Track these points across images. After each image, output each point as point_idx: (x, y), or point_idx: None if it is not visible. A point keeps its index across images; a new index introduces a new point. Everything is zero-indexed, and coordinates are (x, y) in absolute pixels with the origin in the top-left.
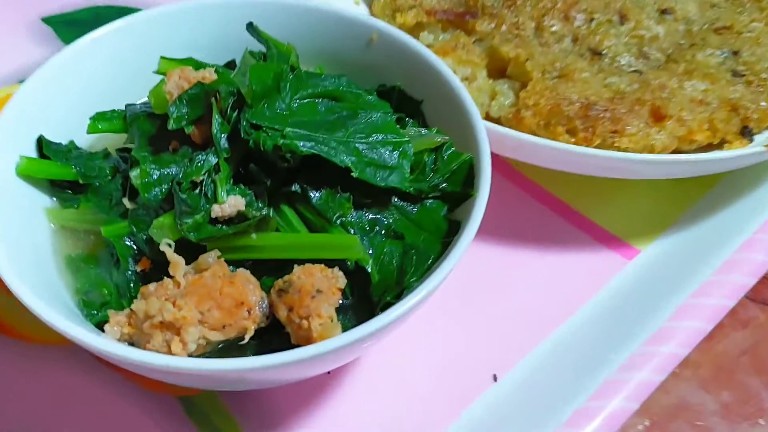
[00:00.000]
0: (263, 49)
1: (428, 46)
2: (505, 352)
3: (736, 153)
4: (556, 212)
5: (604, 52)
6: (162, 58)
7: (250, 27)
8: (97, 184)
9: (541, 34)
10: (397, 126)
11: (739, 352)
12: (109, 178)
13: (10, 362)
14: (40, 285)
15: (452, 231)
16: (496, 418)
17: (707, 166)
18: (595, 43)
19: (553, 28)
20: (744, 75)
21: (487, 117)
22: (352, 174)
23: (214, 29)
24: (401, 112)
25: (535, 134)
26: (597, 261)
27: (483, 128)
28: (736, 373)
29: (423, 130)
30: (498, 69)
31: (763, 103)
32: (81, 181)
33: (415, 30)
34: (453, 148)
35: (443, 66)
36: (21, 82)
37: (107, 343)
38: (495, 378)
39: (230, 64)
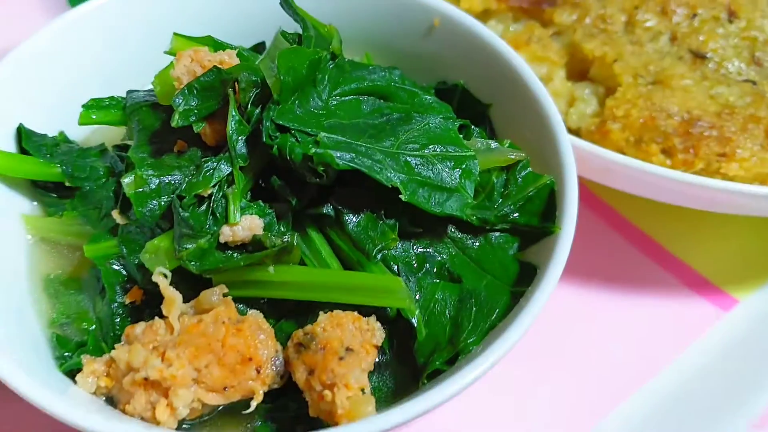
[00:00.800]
0: (299, 30)
1: None
2: (584, 411)
3: None
4: (641, 249)
5: (708, 55)
6: (175, 34)
7: (285, 1)
8: (87, 188)
9: (632, 30)
10: (461, 136)
11: None
12: (103, 180)
13: None
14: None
15: (525, 277)
16: None
17: None
18: (697, 43)
19: (648, 24)
20: None
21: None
22: (400, 196)
23: (242, 2)
24: (464, 116)
25: (622, 152)
26: (688, 311)
27: (569, 145)
28: None
29: (492, 143)
30: (579, 70)
31: None
32: (67, 183)
33: (481, 18)
34: (529, 168)
35: (521, 62)
36: None
37: (70, 411)
38: None
39: (259, 48)
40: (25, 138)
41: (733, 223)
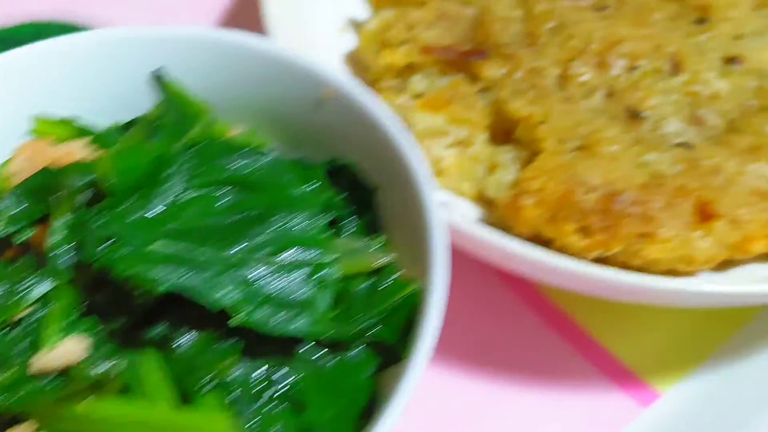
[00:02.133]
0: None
1: (419, 95)
2: None
3: None
4: (556, 330)
5: (645, 114)
6: (36, 118)
7: (157, 78)
8: None
9: (565, 85)
10: (330, 234)
11: None
12: None
13: None
14: None
15: (375, 406)
16: None
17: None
18: (635, 99)
19: (583, 78)
20: None
21: (483, 197)
22: (229, 321)
23: (123, 74)
24: (354, 200)
25: (537, 230)
26: (606, 405)
27: (441, 241)
28: None
29: (361, 242)
30: (504, 131)
31: None
32: None
33: (406, 72)
34: (399, 273)
35: (408, 143)
36: None
37: None
38: None
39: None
40: None
41: (651, 310)
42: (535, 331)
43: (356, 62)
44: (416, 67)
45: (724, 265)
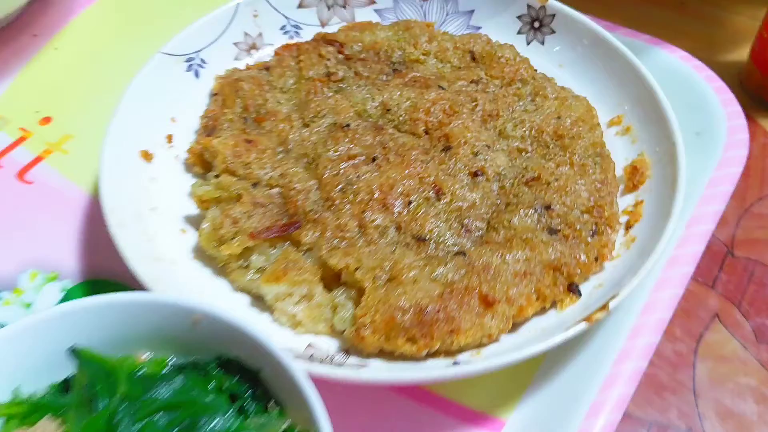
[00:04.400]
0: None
1: (260, 269)
2: None
3: (558, 339)
4: (415, 399)
5: (427, 237)
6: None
7: (72, 351)
8: None
9: (365, 232)
10: (240, 422)
11: None
12: None
13: None
14: None
15: None
16: None
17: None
18: (417, 228)
19: (376, 222)
20: (559, 230)
21: (336, 331)
22: None
23: (46, 348)
24: (245, 381)
25: (381, 348)
26: None
27: (312, 392)
28: None
29: (264, 417)
30: (334, 277)
31: (582, 257)
32: None
33: (245, 253)
34: (297, 428)
35: (258, 335)
36: None
37: None
38: None
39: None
40: None
41: None
42: (406, 409)
43: (204, 255)
44: (252, 249)
45: (514, 326)
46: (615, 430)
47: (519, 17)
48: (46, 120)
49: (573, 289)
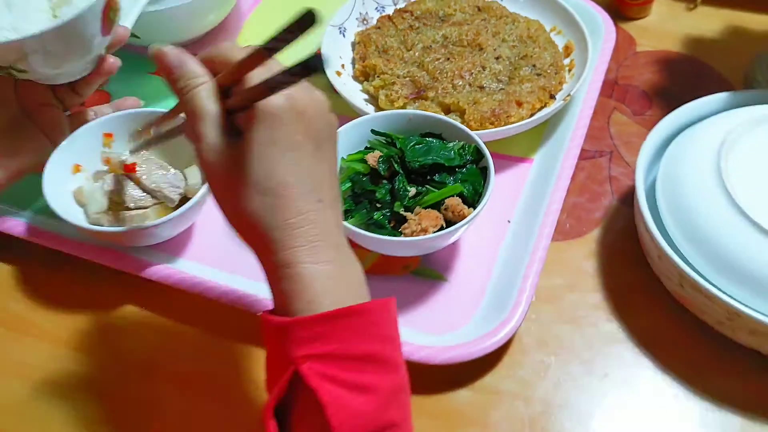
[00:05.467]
0: None
1: None
2: None
3: (550, 110)
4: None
5: (484, 85)
6: None
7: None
8: None
9: (455, 87)
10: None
11: None
12: None
13: None
14: None
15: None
16: None
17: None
18: (478, 82)
19: (459, 83)
20: (540, 74)
21: None
22: None
23: None
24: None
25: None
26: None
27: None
28: None
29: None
30: (448, 109)
31: (554, 82)
32: None
33: (402, 108)
34: None
35: (442, 117)
36: None
37: None
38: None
39: None
40: None
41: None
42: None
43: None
44: (404, 105)
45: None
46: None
47: None
48: None
49: (553, 97)
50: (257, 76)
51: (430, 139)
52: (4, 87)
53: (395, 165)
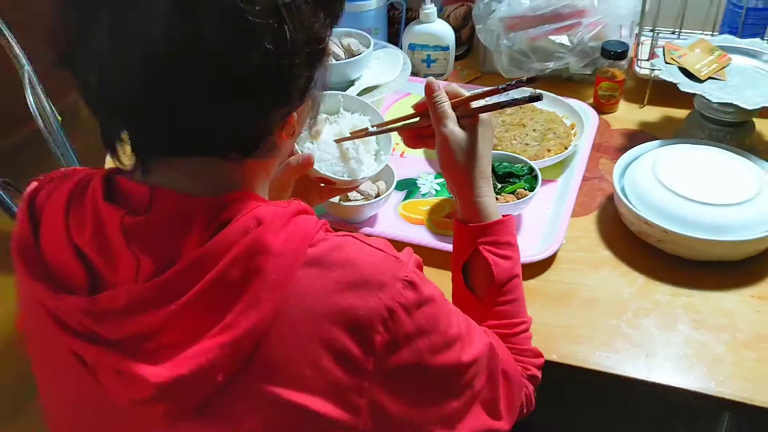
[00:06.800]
0: None
1: None
2: None
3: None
4: None
5: (525, 139)
6: None
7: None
8: None
9: (503, 140)
10: None
11: None
12: None
13: None
14: None
15: None
16: None
17: None
18: (521, 138)
19: (507, 138)
20: (557, 138)
21: None
22: None
23: None
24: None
25: None
26: (547, 188)
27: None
28: None
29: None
30: None
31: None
32: None
33: None
34: None
35: None
36: None
37: None
38: None
39: None
40: None
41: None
42: None
43: None
44: None
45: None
46: None
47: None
48: None
49: (566, 148)
50: (475, 103)
51: (505, 163)
52: (290, 178)
53: (492, 173)
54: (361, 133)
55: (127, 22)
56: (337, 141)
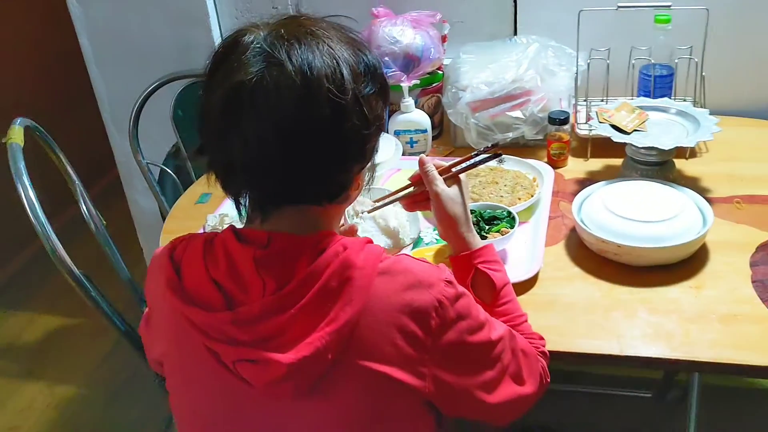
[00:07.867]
0: None
1: None
2: None
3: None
4: None
5: (497, 187)
6: None
7: None
8: None
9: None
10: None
11: None
12: None
13: None
14: None
15: None
16: None
17: None
18: (493, 189)
19: (484, 193)
20: (522, 190)
21: None
22: None
23: None
24: None
25: None
26: (523, 228)
27: None
28: None
29: None
30: None
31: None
32: None
33: None
34: None
35: None
36: None
37: None
38: None
39: None
40: None
41: None
42: None
43: None
44: None
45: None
46: None
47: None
48: None
49: (532, 196)
50: (455, 167)
51: (488, 210)
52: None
53: (480, 218)
54: (379, 204)
55: (266, 112)
56: (369, 212)
